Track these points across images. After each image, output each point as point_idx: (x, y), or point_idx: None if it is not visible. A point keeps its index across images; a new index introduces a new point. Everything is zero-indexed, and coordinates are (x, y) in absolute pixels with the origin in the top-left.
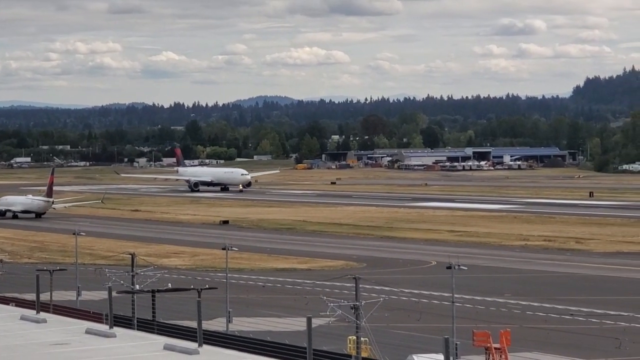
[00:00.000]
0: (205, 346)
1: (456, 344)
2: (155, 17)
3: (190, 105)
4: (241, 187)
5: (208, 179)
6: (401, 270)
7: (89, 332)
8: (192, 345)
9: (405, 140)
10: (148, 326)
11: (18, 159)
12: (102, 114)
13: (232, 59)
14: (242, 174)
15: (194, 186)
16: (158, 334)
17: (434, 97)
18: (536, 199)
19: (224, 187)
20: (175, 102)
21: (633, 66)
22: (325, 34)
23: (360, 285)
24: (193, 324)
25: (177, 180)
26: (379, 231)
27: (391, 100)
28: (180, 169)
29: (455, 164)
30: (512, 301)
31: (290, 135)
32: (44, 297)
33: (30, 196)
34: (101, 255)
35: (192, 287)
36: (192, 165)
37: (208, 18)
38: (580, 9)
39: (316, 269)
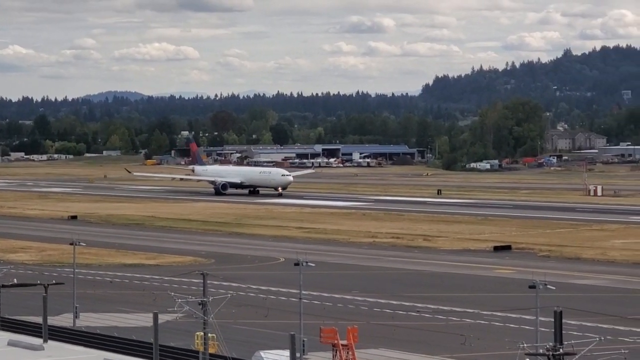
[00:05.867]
0: (50, 342)
1: (303, 341)
2: (1, 9)
3: (39, 100)
4: (280, 190)
5: (237, 180)
6: (249, 266)
7: None
8: (37, 341)
9: (254, 136)
10: None
11: None
12: None
13: (81, 54)
14: (282, 175)
15: (222, 188)
16: (2, 329)
17: (284, 93)
18: (385, 196)
19: (253, 190)
20: (23, 97)
21: (481, 65)
22: (175, 30)
23: (208, 282)
24: (39, 320)
25: (198, 181)
26: (228, 227)
27: (241, 97)
28: (198, 167)
29: (305, 160)
30: (359, 298)
31: (140, 130)
32: None
33: None
34: None
35: (38, 282)
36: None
37: (56, 12)
38: (428, 8)
39: (164, 264)
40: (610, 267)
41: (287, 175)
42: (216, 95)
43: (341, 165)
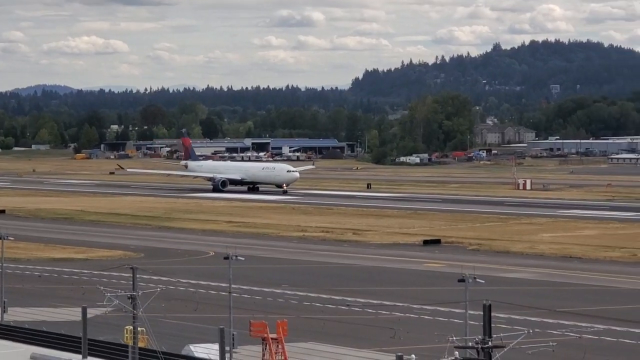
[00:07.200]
0: None
1: (233, 334)
2: None
3: None
4: (285, 187)
5: (237, 177)
6: (179, 260)
7: None
8: None
9: (184, 130)
10: None
11: None
12: None
13: (9, 47)
14: (288, 171)
15: (222, 185)
16: None
17: (214, 87)
18: (314, 190)
19: (253, 187)
20: None
21: (411, 59)
22: (104, 23)
23: (138, 275)
24: None
25: (195, 177)
26: (158, 221)
27: (171, 91)
28: (192, 163)
29: (234, 154)
30: (289, 292)
31: (69, 124)
32: None
33: None
34: None
35: None
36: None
37: None
38: (358, 2)
39: (94, 258)
40: (538, 261)
41: (293, 171)
42: (146, 89)
43: (271, 159)
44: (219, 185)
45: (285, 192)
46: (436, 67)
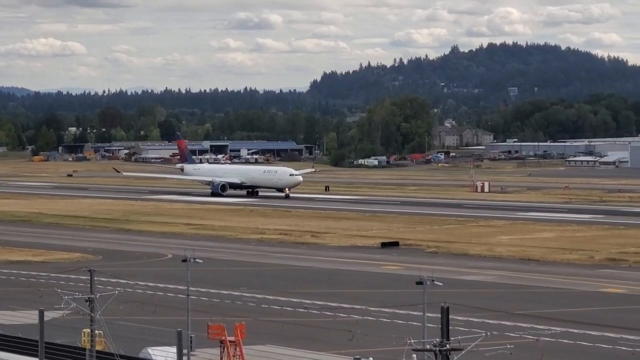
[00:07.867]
0: None
1: (191, 337)
2: None
3: None
4: (287, 192)
5: (237, 180)
6: (137, 263)
7: None
8: None
9: (142, 133)
10: None
11: None
12: None
13: None
14: (290, 174)
15: (221, 189)
16: None
17: (172, 90)
18: (272, 192)
19: (251, 191)
20: None
21: (369, 62)
22: (61, 25)
23: (96, 278)
24: None
25: (192, 181)
26: (116, 224)
27: (129, 93)
28: (188, 166)
29: (193, 157)
30: (247, 294)
31: (27, 127)
32: None
33: None
34: None
35: None
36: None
37: None
38: (316, 5)
39: (51, 261)
40: (496, 263)
41: (296, 174)
42: (104, 92)
43: (229, 161)
44: (219, 190)
45: (287, 197)
46: (394, 70)
